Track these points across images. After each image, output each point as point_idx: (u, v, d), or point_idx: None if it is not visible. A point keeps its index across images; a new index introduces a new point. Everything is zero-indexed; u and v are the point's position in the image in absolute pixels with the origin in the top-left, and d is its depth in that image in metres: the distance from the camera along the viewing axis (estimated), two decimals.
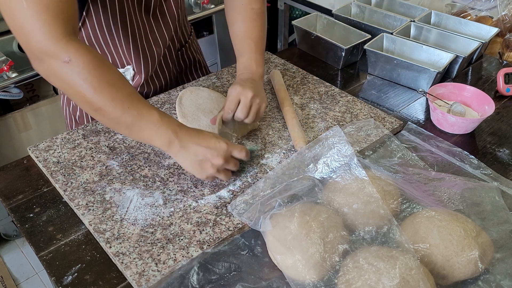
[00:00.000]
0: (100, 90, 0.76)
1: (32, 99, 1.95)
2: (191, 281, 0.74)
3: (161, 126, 0.81)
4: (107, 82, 0.77)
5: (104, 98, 0.77)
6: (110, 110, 0.78)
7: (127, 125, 0.80)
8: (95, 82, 0.76)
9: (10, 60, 1.61)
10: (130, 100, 0.79)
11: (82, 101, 0.78)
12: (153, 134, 0.81)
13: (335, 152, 0.90)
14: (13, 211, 0.88)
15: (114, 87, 0.78)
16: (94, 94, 0.76)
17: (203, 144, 0.83)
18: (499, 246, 0.77)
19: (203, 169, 0.84)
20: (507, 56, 1.36)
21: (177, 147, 0.82)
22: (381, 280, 0.66)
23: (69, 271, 0.77)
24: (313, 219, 0.75)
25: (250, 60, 1.02)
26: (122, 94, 0.78)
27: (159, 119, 0.81)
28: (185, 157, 0.83)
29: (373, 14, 1.50)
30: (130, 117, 0.79)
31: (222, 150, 0.84)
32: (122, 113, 0.78)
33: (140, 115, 0.79)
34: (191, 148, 0.82)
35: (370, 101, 1.19)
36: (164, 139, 0.81)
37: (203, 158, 0.83)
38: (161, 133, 0.81)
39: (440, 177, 0.90)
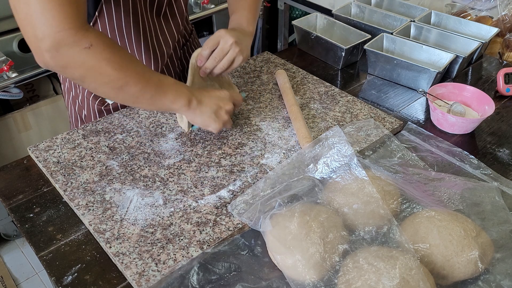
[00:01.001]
0: (124, 67, 0.82)
1: (32, 99, 1.95)
2: (191, 281, 0.74)
3: (179, 88, 0.91)
4: (127, 60, 0.83)
5: (128, 73, 0.83)
6: (135, 83, 0.84)
7: (151, 94, 0.87)
8: (117, 62, 0.81)
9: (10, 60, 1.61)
10: (148, 71, 0.87)
11: (106, 82, 0.82)
12: (175, 96, 0.90)
13: (335, 152, 0.90)
14: (13, 211, 0.88)
15: (134, 63, 0.85)
16: (119, 72, 0.82)
17: (213, 95, 0.95)
18: (499, 246, 0.77)
19: (219, 117, 0.95)
20: (507, 56, 1.36)
21: (195, 103, 0.92)
22: (381, 280, 0.66)
23: (69, 271, 0.77)
24: (313, 219, 0.75)
25: (242, 17, 1.06)
26: (141, 68, 0.86)
27: (175, 82, 0.91)
28: (203, 111, 0.93)
29: (373, 14, 1.50)
30: (153, 85, 0.87)
31: (227, 96, 0.96)
32: (146, 83, 0.86)
33: (160, 82, 0.88)
34: (205, 102, 0.93)
35: (370, 101, 1.19)
36: (185, 99, 0.91)
37: (217, 107, 0.94)
38: (181, 94, 0.90)
39: (440, 177, 0.90)
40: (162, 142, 1.01)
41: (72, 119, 1.23)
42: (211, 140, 1.02)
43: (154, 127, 1.05)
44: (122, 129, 1.05)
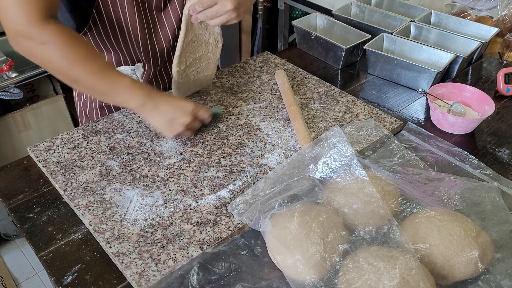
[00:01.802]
0: (77, 65, 0.87)
1: (32, 99, 1.95)
2: (191, 281, 0.74)
3: (134, 90, 0.91)
4: (81, 57, 0.87)
5: (81, 71, 0.87)
6: (87, 80, 0.89)
7: (104, 92, 0.91)
8: (71, 58, 0.86)
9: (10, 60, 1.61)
10: (103, 70, 0.89)
11: (60, 75, 0.89)
12: (128, 97, 0.91)
13: (335, 152, 0.90)
14: (13, 211, 0.88)
15: (89, 61, 0.87)
16: (71, 69, 0.87)
17: (172, 103, 0.94)
18: (499, 246, 0.77)
19: (172, 127, 0.95)
20: (507, 56, 1.36)
21: (149, 107, 0.92)
22: (381, 280, 0.66)
23: (69, 271, 0.77)
24: (313, 219, 0.75)
25: None
26: (96, 66, 0.88)
27: (131, 84, 0.91)
28: (157, 116, 0.94)
29: (373, 14, 1.50)
30: (105, 84, 0.90)
31: (190, 109, 0.95)
32: (99, 82, 0.89)
33: (113, 83, 0.90)
34: (161, 108, 0.93)
35: (370, 101, 1.19)
36: (138, 100, 0.92)
37: (172, 116, 0.94)
38: (134, 95, 0.91)
39: (440, 177, 0.90)
40: (162, 142, 1.01)
41: (78, 113, 1.25)
42: (211, 140, 1.02)
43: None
44: (122, 129, 1.05)
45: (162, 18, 1.08)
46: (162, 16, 1.07)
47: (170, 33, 1.10)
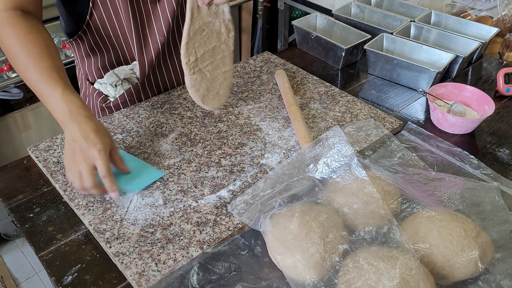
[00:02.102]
0: (16, 61, 0.87)
1: (32, 99, 1.95)
2: (191, 281, 0.74)
3: (60, 102, 0.84)
4: (23, 55, 0.86)
5: (18, 68, 0.88)
6: (24, 78, 0.88)
7: (37, 94, 0.88)
8: (12, 54, 0.87)
9: None
10: (40, 73, 0.85)
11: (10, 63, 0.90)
12: (53, 108, 0.85)
13: (335, 152, 0.90)
14: (13, 211, 0.88)
15: (30, 59, 0.86)
16: (12, 63, 0.89)
17: (83, 132, 0.82)
18: (499, 246, 0.77)
19: (67, 152, 0.84)
20: (507, 56, 1.36)
21: (66, 123, 0.84)
22: (381, 280, 0.66)
23: (69, 271, 0.77)
24: (313, 219, 0.75)
25: None
26: (35, 67, 0.85)
27: (61, 96, 0.84)
28: (67, 136, 0.84)
29: (373, 14, 1.50)
30: (38, 89, 0.86)
31: (89, 151, 0.82)
32: (33, 84, 0.87)
33: (45, 89, 0.85)
34: (74, 129, 0.83)
35: (370, 101, 1.19)
36: (60, 114, 0.85)
37: (75, 143, 0.82)
38: (59, 108, 0.84)
39: (440, 177, 0.90)
40: (162, 142, 1.01)
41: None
42: (211, 140, 1.02)
43: (154, 127, 1.05)
44: (122, 129, 1.05)
45: (157, 11, 1.07)
46: (157, 8, 1.07)
47: (165, 26, 1.09)
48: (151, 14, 1.07)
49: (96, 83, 1.17)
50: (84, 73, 1.19)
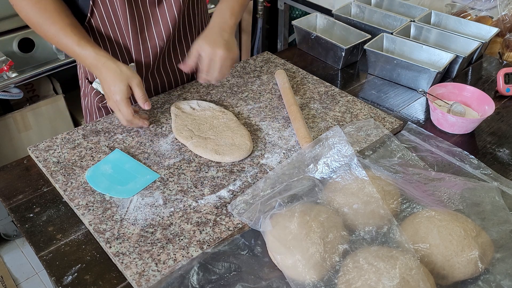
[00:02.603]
0: (35, 27, 1.02)
1: (32, 99, 1.95)
2: (191, 281, 0.74)
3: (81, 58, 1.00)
4: (38, 21, 0.99)
5: (39, 33, 1.02)
6: (48, 40, 1.03)
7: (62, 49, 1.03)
8: (30, 21, 1.01)
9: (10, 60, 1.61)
10: (57, 36, 0.99)
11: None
12: (81, 60, 1.01)
13: (335, 153, 0.90)
14: (13, 211, 0.88)
15: (45, 26, 0.99)
16: (33, 29, 1.02)
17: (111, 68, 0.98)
18: (499, 246, 0.77)
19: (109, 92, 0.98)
20: (507, 56, 1.36)
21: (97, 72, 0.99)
22: (381, 280, 0.66)
23: (69, 271, 0.77)
24: (313, 219, 0.75)
25: (226, 8, 1.06)
26: (51, 30, 0.99)
27: (79, 53, 0.99)
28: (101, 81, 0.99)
29: (373, 14, 1.50)
30: (61, 48, 1.02)
31: (126, 75, 0.97)
32: (55, 45, 1.04)
33: (65, 48, 1.00)
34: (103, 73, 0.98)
35: (370, 101, 1.19)
36: (87, 65, 1.00)
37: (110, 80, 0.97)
38: (83, 61, 1.01)
39: (440, 177, 0.90)
40: (162, 142, 1.01)
41: (83, 112, 1.27)
42: None
43: (154, 127, 1.05)
44: (122, 129, 1.05)
45: (157, 14, 1.07)
46: (156, 12, 1.07)
47: (164, 30, 1.09)
48: (150, 18, 1.07)
49: (94, 82, 1.17)
50: (84, 72, 1.20)
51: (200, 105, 1.09)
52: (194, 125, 1.03)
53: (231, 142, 0.98)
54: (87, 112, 1.24)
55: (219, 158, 0.95)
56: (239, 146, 0.97)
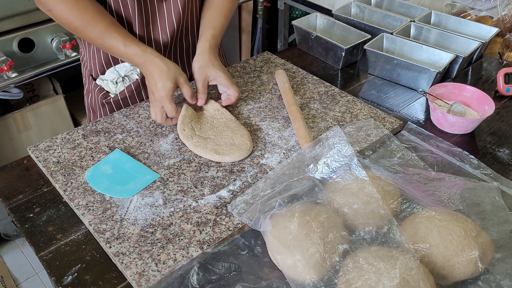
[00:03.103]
0: (77, 31, 1.01)
1: (32, 99, 1.95)
2: (191, 281, 0.74)
3: (128, 57, 1.01)
4: (82, 25, 0.99)
5: (81, 36, 1.03)
6: (93, 43, 1.04)
7: (107, 50, 1.04)
8: (72, 25, 1.00)
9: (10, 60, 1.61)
10: (101, 38, 1.00)
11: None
12: (125, 59, 1.03)
13: (335, 153, 0.90)
14: (13, 211, 0.88)
15: (88, 28, 0.99)
16: (76, 33, 1.02)
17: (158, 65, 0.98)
18: (499, 246, 0.77)
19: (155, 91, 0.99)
20: (507, 56, 1.36)
21: (144, 70, 1.01)
22: (381, 280, 0.66)
23: (69, 271, 0.77)
24: (313, 219, 0.75)
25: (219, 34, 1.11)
26: (95, 33, 0.99)
27: (125, 52, 1.00)
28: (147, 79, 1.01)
29: (373, 14, 1.50)
30: (105, 49, 1.04)
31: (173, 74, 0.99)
32: (99, 46, 1.03)
33: (111, 49, 1.01)
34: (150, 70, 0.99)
35: (370, 101, 1.19)
36: (135, 63, 1.02)
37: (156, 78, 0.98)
38: (130, 60, 1.02)
39: (440, 177, 0.90)
40: (162, 142, 1.01)
41: (86, 111, 1.27)
42: None
43: (154, 127, 1.05)
44: (122, 129, 1.05)
45: (163, 9, 1.08)
46: (163, 6, 1.08)
47: (169, 26, 1.10)
48: (156, 12, 1.08)
49: (98, 79, 1.18)
50: (89, 69, 1.20)
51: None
52: (197, 124, 1.03)
53: (231, 142, 0.98)
54: (90, 110, 1.24)
55: (219, 158, 0.95)
56: (239, 146, 0.97)
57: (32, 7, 1.63)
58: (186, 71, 1.24)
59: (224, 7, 1.12)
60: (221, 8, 1.11)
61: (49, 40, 1.75)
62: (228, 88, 1.06)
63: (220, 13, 1.11)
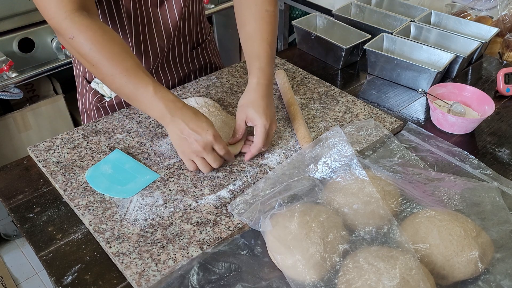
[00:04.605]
0: (99, 65, 0.85)
1: (32, 99, 1.95)
2: (191, 281, 0.74)
3: (154, 100, 0.86)
4: (106, 57, 0.85)
5: (102, 72, 0.86)
6: (110, 82, 0.87)
7: (126, 96, 0.88)
8: (95, 58, 0.85)
9: (10, 60, 1.61)
10: (127, 75, 0.85)
11: (88, 69, 0.90)
12: (148, 106, 0.87)
13: (335, 153, 0.90)
14: (13, 211, 0.88)
15: (113, 62, 0.85)
16: (94, 68, 0.86)
17: (190, 125, 0.86)
18: (499, 246, 0.77)
19: (182, 145, 0.88)
20: (507, 56, 1.36)
21: (168, 120, 0.87)
22: (381, 280, 0.66)
23: (69, 271, 0.77)
24: (313, 219, 0.75)
25: (266, 65, 0.97)
26: (120, 68, 0.85)
27: (154, 94, 0.86)
28: (172, 130, 0.88)
29: (373, 14, 1.50)
30: (128, 90, 0.86)
31: (205, 139, 0.86)
32: (120, 86, 0.87)
33: (136, 89, 0.86)
34: (179, 124, 0.87)
35: (370, 101, 1.19)
36: (158, 112, 0.87)
37: (185, 137, 0.87)
38: (155, 106, 0.87)
39: (440, 177, 0.90)
40: (162, 142, 1.01)
41: (80, 113, 1.27)
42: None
43: (154, 127, 1.05)
44: (122, 129, 1.05)
45: (158, 15, 1.07)
46: (158, 12, 1.07)
47: (165, 31, 1.09)
48: (151, 18, 1.07)
49: (92, 82, 1.17)
50: (83, 71, 1.19)
51: (198, 102, 1.09)
52: None
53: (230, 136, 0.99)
54: (84, 113, 1.24)
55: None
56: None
57: (32, 7, 1.63)
58: (183, 70, 1.23)
59: (265, 32, 0.98)
60: (261, 34, 0.98)
61: (49, 40, 1.75)
62: (255, 135, 0.93)
63: (260, 40, 0.97)
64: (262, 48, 0.97)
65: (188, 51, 1.21)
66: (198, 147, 0.86)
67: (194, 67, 1.26)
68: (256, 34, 0.98)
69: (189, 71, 1.25)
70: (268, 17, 0.99)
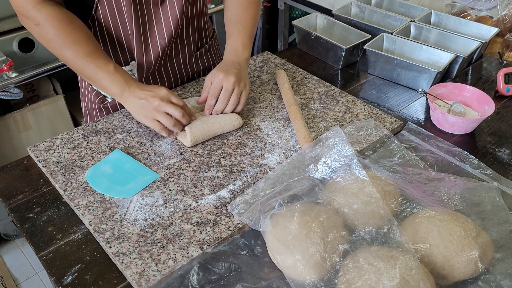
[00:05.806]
0: (64, 48, 0.96)
1: (32, 99, 1.95)
2: (191, 281, 0.74)
3: (115, 77, 0.97)
4: (70, 42, 0.96)
5: (66, 55, 0.97)
6: (72, 64, 0.98)
7: (88, 77, 0.99)
8: (59, 42, 0.96)
9: (10, 60, 1.61)
10: (89, 57, 0.96)
11: (55, 54, 1.00)
12: (108, 83, 0.97)
13: (336, 153, 0.90)
14: (13, 211, 0.88)
15: (76, 46, 0.96)
16: (61, 50, 0.97)
17: (145, 89, 0.97)
18: (499, 246, 0.77)
19: (143, 109, 0.96)
20: (507, 56, 1.36)
21: (126, 93, 0.97)
22: (381, 280, 0.66)
23: (69, 271, 0.77)
24: (313, 219, 0.75)
25: (237, 43, 1.09)
26: (82, 52, 0.96)
27: (114, 72, 0.97)
28: (131, 101, 0.97)
29: (373, 14, 1.50)
30: (89, 70, 0.97)
31: (160, 93, 0.96)
32: (82, 68, 0.98)
33: (97, 68, 0.96)
34: (136, 92, 0.96)
35: (370, 101, 1.19)
36: (117, 87, 0.97)
37: (144, 100, 0.96)
38: (114, 82, 0.97)
39: (440, 177, 0.90)
40: (162, 142, 1.01)
41: (83, 113, 1.27)
42: (211, 140, 1.02)
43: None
44: (122, 129, 1.05)
45: (159, 14, 1.07)
46: (159, 11, 1.07)
47: (166, 30, 1.09)
48: (153, 17, 1.07)
49: None
50: None
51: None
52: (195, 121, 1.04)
53: (224, 119, 1.02)
54: (87, 113, 1.24)
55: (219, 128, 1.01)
56: (231, 118, 1.03)
57: None
58: (187, 72, 1.23)
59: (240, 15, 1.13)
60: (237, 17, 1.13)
61: None
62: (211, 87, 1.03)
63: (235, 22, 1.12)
64: (236, 28, 1.10)
65: (192, 52, 1.21)
66: (155, 101, 0.95)
67: (198, 68, 1.26)
68: (233, 17, 1.12)
69: (193, 72, 1.25)
70: (248, 3, 1.13)
